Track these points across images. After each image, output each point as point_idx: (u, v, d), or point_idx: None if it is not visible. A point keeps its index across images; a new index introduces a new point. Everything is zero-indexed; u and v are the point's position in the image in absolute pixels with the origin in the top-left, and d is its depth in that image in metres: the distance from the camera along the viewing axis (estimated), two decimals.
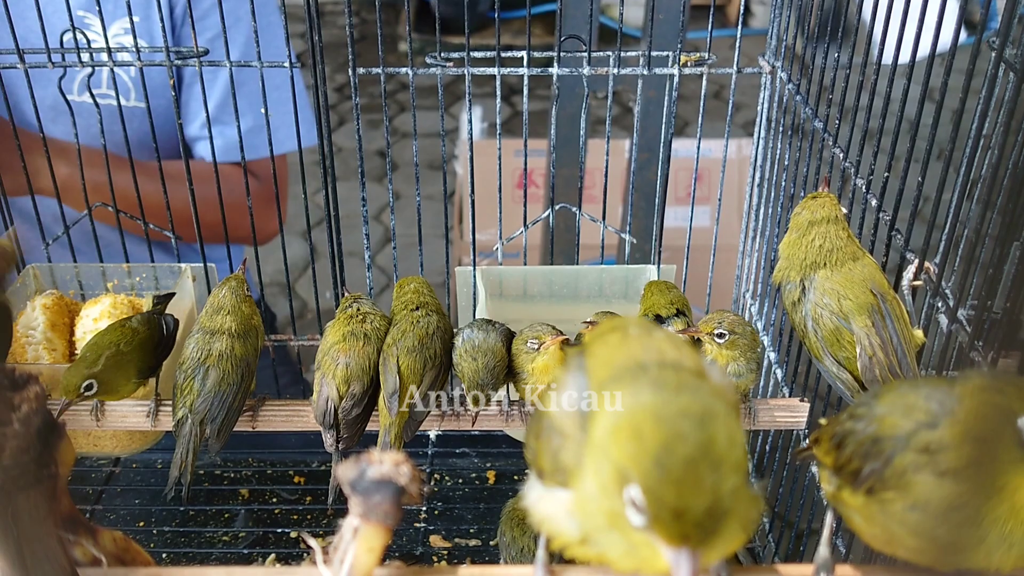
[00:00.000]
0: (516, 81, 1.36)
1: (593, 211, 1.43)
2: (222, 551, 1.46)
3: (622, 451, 0.57)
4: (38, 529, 0.69)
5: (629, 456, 0.56)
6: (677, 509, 0.54)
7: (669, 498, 0.54)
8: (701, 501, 0.54)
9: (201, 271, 1.44)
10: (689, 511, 0.54)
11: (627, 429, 0.57)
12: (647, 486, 0.55)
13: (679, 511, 0.54)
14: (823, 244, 1.10)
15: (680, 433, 0.56)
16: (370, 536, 0.70)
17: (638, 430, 0.57)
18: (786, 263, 1.13)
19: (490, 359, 1.14)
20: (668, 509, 0.54)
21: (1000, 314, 0.91)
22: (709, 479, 0.54)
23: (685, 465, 0.54)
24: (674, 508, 0.54)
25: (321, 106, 1.29)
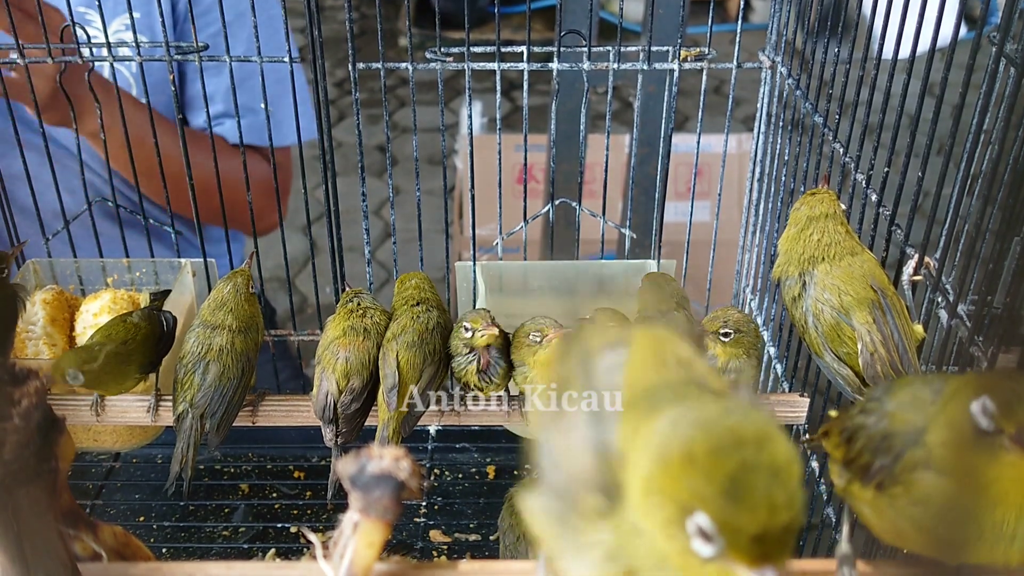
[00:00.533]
0: (516, 76, 1.36)
1: (593, 206, 1.43)
2: (222, 546, 1.46)
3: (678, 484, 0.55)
4: (39, 524, 0.69)
5: (687, 488, 0.54)
6: (755, 533, 0.53)
7: (744, 523, 0.53)
8: (778, 520, 0.53)
9: (201, 266, 1.44)
10: (768, 532, 0.53)
11: (678, 460, 0.55)
12: (717, 514, 0.53)
13: (758, 535, 0.53)
14: (821, 239, 1.10)
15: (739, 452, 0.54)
16: (370, 531, 0.70)
17: (691, 459, 0.55)
18: (785, 258, 1.13)
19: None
20: (745, 534, 0.53)
21: (1000, 309, 0.91)
22: (781, 498, 0.53)
23: (755, 488, 0.53)
24: (751, 532, 0.53)
25: (321, 101, 1.29)
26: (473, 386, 1.19)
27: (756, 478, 0.53)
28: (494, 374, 1.18)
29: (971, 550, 0.68)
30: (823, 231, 1.11)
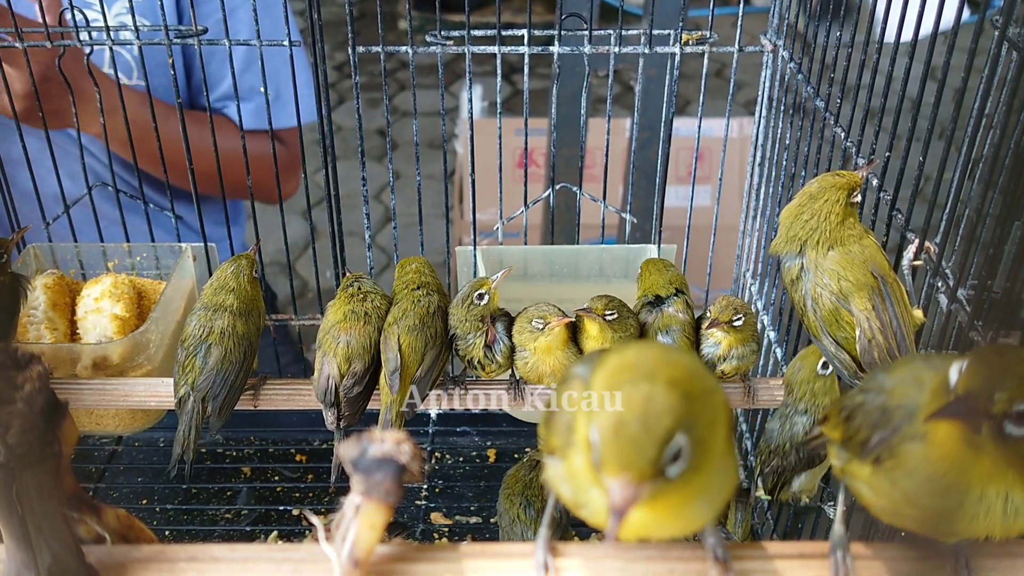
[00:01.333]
0: (517, 60, 1.36)
1: (594, 191, 1.43)
2: (224, 528, 1.47)
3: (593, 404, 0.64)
4: (43, 507, 0.70)
5: (598, 405, 0.64)
6: (617, 441, 0.61)
7: (610, 429, 0.62)
8: (638, 432, 0.61)
9: (201, 251, 1.44)
10: (626, 442, 0.61)
11: (601, 385, 0.65)
12: (601, 424, 0.62)
13: (619, 443, 0.61)
14: (825, 217, 1.10)
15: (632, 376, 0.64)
16: (372, 513, 0.70)
17: (609, 383, 0.64)
18: (786, 234, 1.13)
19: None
20: (609, 441, 0.61)
21: (1000, 294, 0.91)
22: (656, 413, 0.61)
23: (634, 403, 0.62)
24: (614, 438, 0.61)
25: (320, 85, 1.29)
26: (477, 363, 1.19)
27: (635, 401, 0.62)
28: (498, 351, 1.19)
29: (961, 525, 0.68)
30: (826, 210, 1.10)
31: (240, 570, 0.75)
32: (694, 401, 0.63)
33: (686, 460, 0.62)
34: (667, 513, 0.67)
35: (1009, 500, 0.67)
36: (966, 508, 0.67)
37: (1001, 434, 0.63)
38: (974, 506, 0.67)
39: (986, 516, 0.67)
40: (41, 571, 0.70)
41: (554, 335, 1.15)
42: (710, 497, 0.69)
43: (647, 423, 0.61)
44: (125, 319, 1.36)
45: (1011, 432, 0.63)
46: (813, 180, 1.14)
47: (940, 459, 0.67)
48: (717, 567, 0.74)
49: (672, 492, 0.64)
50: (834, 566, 0.75)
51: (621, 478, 0.61)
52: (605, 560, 0.75)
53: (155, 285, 1.46)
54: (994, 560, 0.75)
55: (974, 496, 0.67)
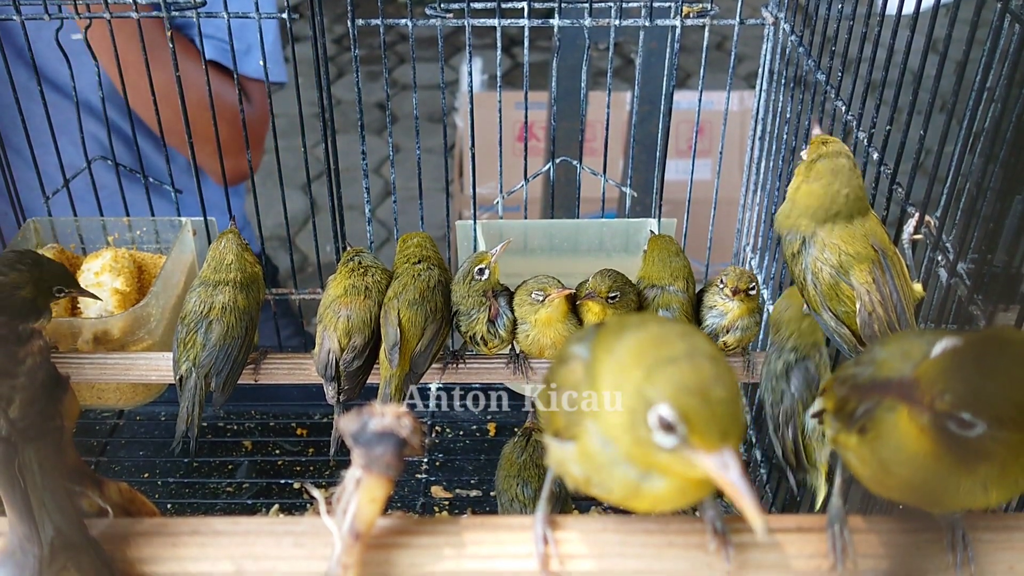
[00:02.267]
0: (517, 32, 1.35)
1: (594, 164, 1.43)
2: (226, 502, 1.48)
3: (636, 381, 0.62)
4: (45, 480, 0.70)
5: (647, 383, 0.62)
6: (711, 412, 0.60)
7: (699, 404, 0.60)
8: (727, 405, 0.60)
9: (201, 225, 1.44)
10: (720, 410, 0.60)
11: (634, 363, 0.63)
12: (677, 400, 0.60)
13: (713, 413, 0.60)
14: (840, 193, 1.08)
15: (687, 350, 0.62)
16: (372, 487, 0.71)
17: (647, 359, 0.62)
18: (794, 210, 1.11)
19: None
20: (702, 414, 0.60)
21: (1000, 268, 0.91)
22: (726, 379, 0.61)
23: (704, 374, 0.61)
24: (708, 412, 0.60)
25: (320, 58, 1.28)
26: (481, 339, 1.19)
27: (704, 374, 0.61)
28: (501, 325, 1.19)
29: (940, 496, 0.69)
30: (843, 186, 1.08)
31: (242, 543, 0.76)
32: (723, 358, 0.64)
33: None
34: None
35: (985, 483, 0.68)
36: (941, 480, 0.68)
37: (943, 428, 0.64)
38: (948, 479, 0.68)
39: (959, 488, 0.68)
40: (44, 544, 0.70)
41: (554, 307, 1.15)
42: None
43: (730, 388, 0.60)
44: (125, 293, 1.36)
45: (952, 430, 0.63)
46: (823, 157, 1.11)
47: (907, 431, 0.68)
48: (716, 540, 0.75)
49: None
50: (832, 539, 0.75)
51: (725, 449, 0.60)
52: (604, 533, 0.76)
53: (155, 259, 1.46)
54: (991, 533, 0.76)
55: (951, 477, 0.67)
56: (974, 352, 0.64)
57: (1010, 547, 0.76)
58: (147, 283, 1.42)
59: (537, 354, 1.21)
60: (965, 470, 0.67)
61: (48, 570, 0.70)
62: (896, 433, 0.68)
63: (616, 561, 0.74)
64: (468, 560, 0.75)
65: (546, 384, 0.78)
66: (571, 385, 0.72)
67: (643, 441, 0.63)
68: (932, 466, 0.67)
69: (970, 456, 0.64)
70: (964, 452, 0.64)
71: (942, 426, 0.63)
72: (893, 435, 0.69)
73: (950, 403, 0.63)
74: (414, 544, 0.75)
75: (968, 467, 0.66)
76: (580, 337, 0.76)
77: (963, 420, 0.62)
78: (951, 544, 0.75)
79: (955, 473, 0.67)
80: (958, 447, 0.64)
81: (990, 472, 0.67)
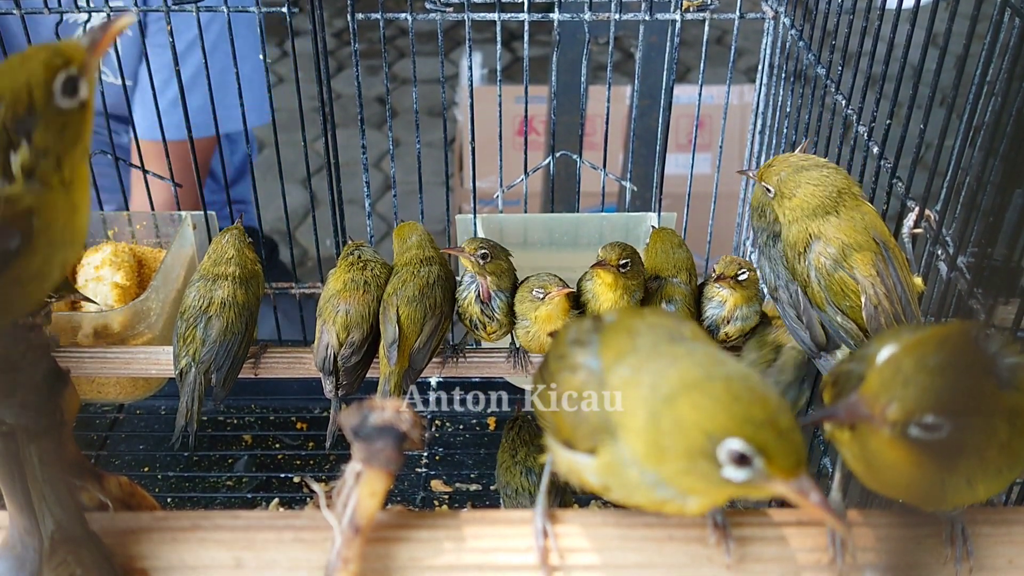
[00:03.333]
0: (516, 27, 1.35)
1: (594, 158, 1.43)
2: (226, 495, 1.48)
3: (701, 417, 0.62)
4: (46, 474, 0.70)
5: (714, 418, 0.61)
6: (785, 441, 0.60)
7: (772, 435, 0.60)
8: (792, 423, 0.61)
9: (201, 219, 1.44)
10: (792, 437, 0.61)
11: (684, 399, 0.62)
12: (749, 434, 0.60)
13: (787, 442, 0.60)
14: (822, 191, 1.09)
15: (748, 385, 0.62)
16: (372, 481, 0.71)
17: (698, 394, 0.62)
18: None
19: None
20: (778, 446, 0.60)
21: (1000, 262, 0.91)
22: (783, 404, 0.61)
23: (768, 403, 0.61)
24: (782, 442, 0.60)
25: (320, 52, 1.28)
26: (476, 320, 1.19)
27: (769, 405, 0.61)
28: (496, 307, 1.18)
29: (928, 495, 0.69)
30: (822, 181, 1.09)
31: (242, 537, 0.76)
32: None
33: None
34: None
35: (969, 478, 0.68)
36: (924, 481, 0.68)
37: (906, 436, 0.64)
38: (931, 480, 0.68)
39: (944, 487, 0.68)
40: (44, 538, 0.70)
41: (554, 304, 1.15)
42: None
43: (790, 413, 0.61)
44: (126, 287, 1.36)
45: (916, 436, 0.63)
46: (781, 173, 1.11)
47: (881, 440, 0.68)
48: (716, 533, 0.75)
49: None
50: (831, 533, 0.75)
51: (801, 476, 0.61)
52: (604, 527, 0.76)
53: (155, 253, 1.46)
54: (990, 527, 0.76)
55: (934, 478, 0.68)
56: (914, 355, 0.64)
57: (1009, 541, 0.76)
58: (147, 277, 1.42)
59: (537, 350, 1.21)
60: (946, 469, 0.67)
61: (48, 563, 0.70)
62: (875, 439, 0.69)
63: (616, 555, 0.75)
64: (468, 554, 0.75)
65: (545, 384, 0.77)
66: (580, 394, 0.70)
67: (707, 475, 0.62)
68: (912, 470, 0.67)
69: (941, 455, 0.65)
70: (934, 453, 0.64)
71: (905, 435, 0.64)
72: (873, 441, 0.69)
73: (900, 410, 0.63)
74: (414, 538, 0.75)
75: (944, 466, 0.66)
76: (582, 340, 0.74)
77: (924, 423, 0.63)
78: (950, 538, 0.75)
79: (936, 473, 0.67)
80: (927, 449, 0.64)
81: (968, 467, 0.67)
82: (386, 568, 0.74)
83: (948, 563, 0.75)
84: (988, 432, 0.64)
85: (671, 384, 0.63)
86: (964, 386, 0.62)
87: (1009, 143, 0.90)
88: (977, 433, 0.63)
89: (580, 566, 0.74)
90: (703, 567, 0.74)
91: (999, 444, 0.65)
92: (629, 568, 0.74)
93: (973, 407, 0.62)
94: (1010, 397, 0.64)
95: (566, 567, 0.74)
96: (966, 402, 0.62)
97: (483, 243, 1.17)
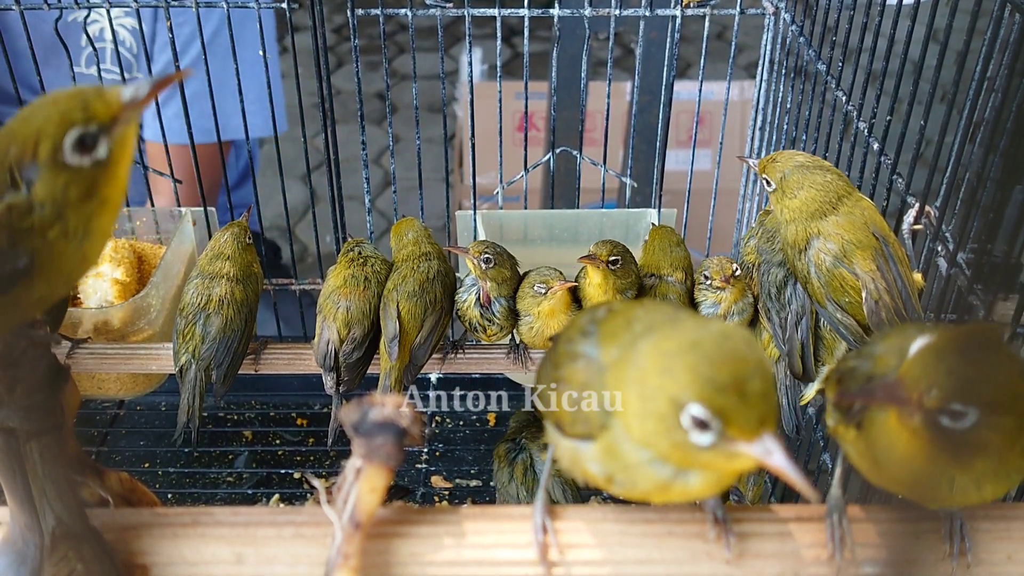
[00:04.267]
0: (516, 22, 1.35)
1: (594, 154, 1.43)
2: (226, 491, 1.48)
3: (667, 383, 0.61)
4: (46, 470, 0.70)
5: (677, 383, 0.61)
6: (743, 401, 0.60)
7: (729, 396, 0.59)
8: (759, 393, 0.60)
9: (201, 215, 1.44)
10: (752, 397, 0.60)
11: (654, 366, 0.63)
12: (706, 396, 0.60)
13: (746, 402, 0.60)
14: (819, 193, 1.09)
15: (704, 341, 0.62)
16: (373, 477, 0.71)
17: (665, 359, 0.62)
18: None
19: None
20: (734, 406, 0.59)
21: (1000, 258, 0.91)
22: (753, 362, 0.60)
23: (728, 363, 0.60)
24: (740, 402, 0.59)
25: (319, 48, 1.28)
26: (476, 323, 1.19)
27: (737, 367, 0.60)
28: (496, 312, 1.18)
29: (933, 493, 0.69)
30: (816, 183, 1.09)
31: (243, 533, 0.76)
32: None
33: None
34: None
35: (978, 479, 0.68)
36: (934, 479, 0.68)
37: (936, 426, 0.63)
38: (941, 477, 0.68)
39: (952, 487, 0.68)
40: (45, 534, 0.71)
41: (556, 299, 1.15)
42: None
43: (758, 370, 0.60)
44: (126, 283, 1.36)
45: (946, 425, 0.63)
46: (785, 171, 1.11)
47: (898, 433, 0.68)
48: (716, 529, 0.75)
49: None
50: (830, 528, 0.75)
51: (764, 434, 0.60)
52: (604, 523, 0.76)
53: (155, 249, 1.46)
54: (989, 523, 0.76)
55: (944, 476, 0.68)
56: (953, 346, 0.64)
57: (1008, 537, 0.76)
58: (147, 273, 1.42)
59: (541, 346, 1.21)
60: (960, 467, 0.67)
61: (49, 559, 0.71)
62: (887, 433, 0.68)
63: (616, 550, 0.75)
64: (468, 549, 0.75)
65: (546, 379, 0.77)
66: (580, 383, 0.71)
67: (680, 443, 0.62)
68: (924, 466, 0.67)
69: (964, 451, 0.64)
70: (958, 448, 0.64)
71: (934, 423, 0.63)
72: (884, 435, 0.69)
73: (939, 398, 0.63)
74: (414, 533, 0.75)
75: (963, 463, 0.66)
76: (582, 331, 0.74)
77: (955, 411, 0.62)
78: (949, 534, 0.75)
79: (948, 471, 0.67)
80: (952, 444, 0.64)
81: (985, 467, 0.67)
82: (386, 563, 0.74)
83: (946, 558, 0.75)
84: (1015, 433, 0.64)
85: (648, 354, 0.64)
86: (1003, 383, 0.62)
87: (1009, 139, 0.90)
88: (1004, 433, 0.63)
89: (580, 561, 0.75)
90: (703, 562, 0.75)
91: (1021, 447, 0.65)
92: (629, 563, 0.74)
93: (1008, 405, 0.62)
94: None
95: (566, 562, 0.75)
96: (1003, 399, 0.62)
97: (489, 248, 1.17)
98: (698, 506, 0.77)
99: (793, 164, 1.07)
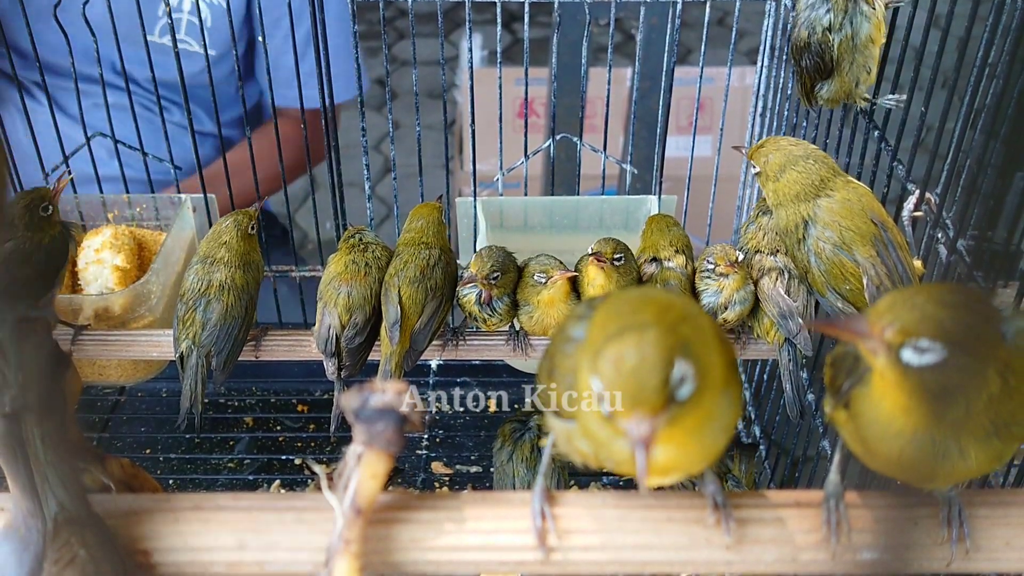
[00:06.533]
0: (517, 8, 1.34)
1: (594, 141, 1.43)
2: (228, 477, 1.49)
3: (589, 357, 0.65)
4: (48, 456, 0.70)
5: (590, 359, 0.65)
6: (620, 380, 0.62)
7: (612, 373, 0.62)
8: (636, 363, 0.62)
9: (201, 202, 1.44)
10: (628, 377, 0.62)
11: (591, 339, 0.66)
12: (600, 371, 0.63)
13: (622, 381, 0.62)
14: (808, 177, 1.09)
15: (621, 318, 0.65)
16: (373, 463, 0.71)
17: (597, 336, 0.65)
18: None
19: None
20: (613, 382, 0.62)
21: (1000, 245, 0.91)
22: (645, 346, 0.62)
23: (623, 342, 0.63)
24: (618, 380, 0.62)
25: (319, 34, 1.28)
26: (476, 316, 1.20)
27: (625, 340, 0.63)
28: (498, 306, 1.19)
29: (921, 470, 0.69)
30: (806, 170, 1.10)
31: (244, 518, 0.76)
32: (685, 324, 0.65)
33: (692, 381, 0.63)
34: (688, 438, 0.68)
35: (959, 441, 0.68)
36: (916, 444, 0.68)
37: (899, 363, 0.64)
38: (922, 441, 0.68)
39: (935, 452, 0.68)
40: (47, 520, 0.71)
41: (556, 288, 1.15)
42: (723, 418, 0.70)
43: (644, 353, 0.62)
44: (126, 270, 1.36)
45: (908, 361, 0.63)
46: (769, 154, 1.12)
47: (880, 400, 0.68)
48: (715, 514, 0.75)
49: (687, 415, 0.65)
50: (827, 514, 0.76)
51: (635, 414, 0.62)
52: (603, 508, 0.76)
53: (155, 236, 1.46)
54: (987, 508, 0.76)
55: (924, 440, 0.68)
56: (925, 290, 0.65)
57: (1006, 523, 0.76)
58: (147, 260, 1.42)
59: (541, 333, 1.21)
60: (934, 419, 0.66)
61: (52, 545, 0.71)
62: (870, 407, 0.69)
63: (615, 536, 0.75)
64: (469, 535, 0.75)
65: (544, 363, 0.79)
66: (568, 367, 0.72)
67: (603, 417, 0.65)
68: (904, 430, 0.67)
69: (934, 398, 0.64)
70: (928, 395, 0.64)
71: (898, 359, 0.63)
72: (867, 409, 0.69)
73: (901, 331, 0.63)
74: (415, 519, 0.76)
75: (936, 412, 0.65)
76: (579, 315, 0.76)
77: (918, 346, 0.62)
78: (947, 519, 0.75)
79: (927, 432, 0.67)
80: (920, 390, 0.64)
81: (958, 419, 0.66)
82: (387, 549, 0.75)
83: (944, 544, 0.75)
84: (980, 378, 0.64)
85: (597, 332, 0.66)
86: (967, 322, 0.62)
87: (1010, 126, 0.90)
88: (970, 375, 0.63)
89: (579, 547, 0.75)
90: (702, 548, 0.75)
91: (988, 396, 0.64)
92: (628, 549, 0.75)
93: (971, 344, 0.62)
94: (1008, 352, 0.64)
95: (564, 548, 0.75)
96: (965, 336, 0.62)
97: (491, 263, 1.16)
98: (697, 491, 0.77)
99: (776, 147, 1.09)
